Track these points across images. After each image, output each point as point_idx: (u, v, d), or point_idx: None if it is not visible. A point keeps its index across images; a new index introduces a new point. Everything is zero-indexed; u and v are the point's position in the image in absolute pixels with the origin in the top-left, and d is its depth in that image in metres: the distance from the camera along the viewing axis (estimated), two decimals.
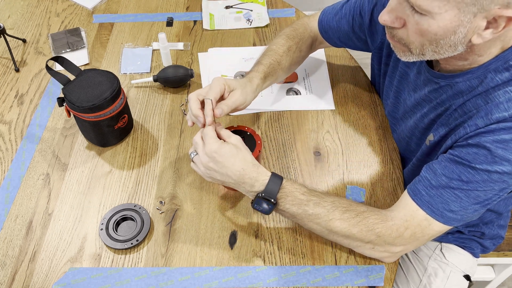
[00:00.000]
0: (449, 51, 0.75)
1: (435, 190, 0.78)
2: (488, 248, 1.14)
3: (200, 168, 0.85)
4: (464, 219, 0.79)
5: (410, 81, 0.95)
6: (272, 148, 1.06)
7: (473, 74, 0.79)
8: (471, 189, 0.76)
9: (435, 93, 0.87)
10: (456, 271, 1.11)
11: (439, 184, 0.78)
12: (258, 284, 0.85)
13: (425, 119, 0.91)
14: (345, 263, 0.88)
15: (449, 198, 0.77)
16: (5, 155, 1.05)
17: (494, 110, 0.74)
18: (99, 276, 0.86)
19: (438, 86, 0.86)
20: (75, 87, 0.98)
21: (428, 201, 0.79)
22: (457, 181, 0.76)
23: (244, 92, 0.94)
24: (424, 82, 0.89)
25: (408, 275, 1.13)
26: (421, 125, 0.92)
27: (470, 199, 0.76)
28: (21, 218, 0.94)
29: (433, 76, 0.86)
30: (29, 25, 1.37)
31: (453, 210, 0.78)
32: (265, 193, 0.82)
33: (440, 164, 0.79)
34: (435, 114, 0.88)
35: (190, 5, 1.43)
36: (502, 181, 0.74)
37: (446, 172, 0.78)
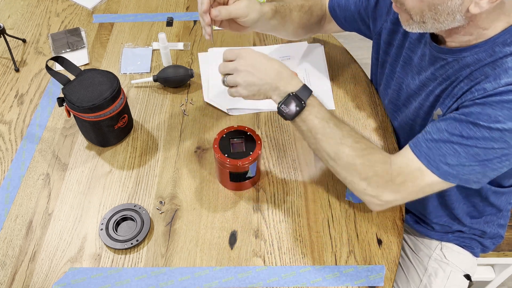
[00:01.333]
0: (448, 19, 0.76)
1: (435, 143, 0.79)
2: (488, 248, 1.14)
3: (237, 80, 0.87)
4: (460, 177, 0.79)
5: (414, 65, 0.95)
6: (272, 148, 1.06)
7: (481, 48, 0.79)
8: (470, 145, 0.76)
9: (441, 69, 0.87)
10: (457, 270, 1.11)
11: (440, 138, 0.79)
12: (258, 284, 0.85)
13: (430, 97, 0.90)
14: (345, 263, 0.88)
15: (448, 151, 0.78)
16: (5, 155, 1.05)
17: (503, 75, 0.75)
18: (99, 276, 0.86)
19: (445, 63, 0.86)
20: (75, 87, 0.98)
21: (426, 152, 0.80)
22: (458, 137, 0.77)
23: (249, 6, 0.94)
24: (429, 62, 0.90)
25: (408, 275, 1.13)
26: (427, 103, 0.91)
27: (468, 156, 0.77)
28: (21, 218, 0.94)
29: (440, 52, 0.86)
30: (29, 25, 1.37)
31: (449, 163, 0.78)
32: (299, 93, 0.85)
33: (445, 121, 0.80)
34: (440, 89, 0.87)
35: (190, 5, 1.43)
36: (503, 141, 0.74)
37: (448, 128, 0.78)
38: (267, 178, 1.00)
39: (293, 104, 0.84)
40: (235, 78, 0.87)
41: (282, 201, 0.97)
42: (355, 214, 0.94)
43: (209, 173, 1.01)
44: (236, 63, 0.87)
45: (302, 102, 0.84)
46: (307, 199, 0.97)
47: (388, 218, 0.94)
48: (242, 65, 0.87)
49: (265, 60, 0.88)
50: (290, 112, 0.85)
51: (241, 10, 0.93)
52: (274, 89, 0.86)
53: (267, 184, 0.99)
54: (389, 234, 0.92)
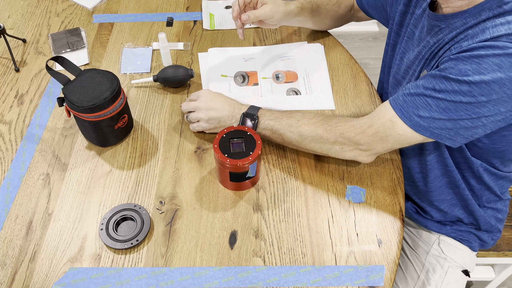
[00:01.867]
0: None
1: (411, 97, 0.85)
2: (486, 243, 1.14)
3: (199, 115, 1.02)
4: (431, 131, 0.84)
5: (415, 39, 0.99)
6: (272, 148, 1.06)
7: (469, 13, 0.84)
8: (441, 98, 0.81)
9: (434, 37, 0.91)
10: (455, 266, 1.11)
11: (415, 92, 0.84)
12: (258, 284, 0.85)
13: (422, 61, 0.94)
14: (345, 263, 0.88)
15: (421, 104, 0.83)
16: (5, 155, 1.05)
17: (480, 34, 0.80)
18: (99, 276, 0.86)
19: (438, 29, 0.90)
20: (75, 87, 0.98)
21: (401, 104, 0.86)
22: (430, 90, 0.82)
23: (274, 8, 1.09)
24: (427, 31, 0.94)
25: (406, 272, 1.13)
26: (418, 68, 0.96)
27: (439, 109, 0.82)
28: (21, 218, 0.94)
29: (435, 19, 0.91)
30: (29, 25, 1.37)
31: (421, 116, 0.83)
32: (249, 111, 1.00)
33: (423, 79, 0.85)
34: (429, 52, 0.92)
35: (190, 5, 1.43)
36: (471, 95, 0.78)
37: (424, 83, 0.84)
38: (267, 178, 1.00)
39: (248, 120, 0.99)
40: (197, 114, 1.02)
41: (282, 201, 0.97)
42: (355, 214, 0.95)
43: (209, 173, 1.01)
44: (197, 103, 1.02)
45: (253, 116, 0.99)
46: (307, 199, 0.97)
47: (388, 218, 0.94)
48: (202, 102, 1.02)
49: (221, 97, 1.03)
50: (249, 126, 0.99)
51: (266, 13, 1.09)
52: (231, 117, 1.01)
53: (267, 184, 0.99)
54: (389, 234, 0.92)
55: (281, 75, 1.22)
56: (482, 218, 1.08)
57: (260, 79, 1.21)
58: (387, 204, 0.96)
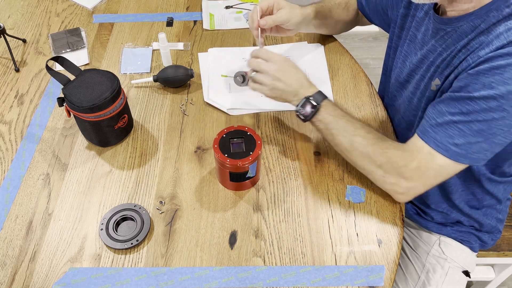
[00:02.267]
0: None
1: (440, 127, 0.82)
2: (486, 243, 1.14)
3: (265, 81, 0.97)
4: (470, 156, 0.81)
5: (417, 41, 0.98)
6: (272, 148, 1.06)
7: (476, 15, 0.82)
8: (472, 121, 0.78)
9: (440, 40, 0.89)
10: (455, 266, 1.11)
11: (443, 121, 0.81)
12: (258, 284, 0.85)
13: (431, 68, 0.92)
14: (345, 263, 0.88)
15: (453, 132, 0.80)
16: (5, 155, 1.05)
17: (495, 41, 0.77)
18: (99, 276, 0.86)
19: (444, 33, 0.88)
20: (75, 87, 0.98)
21: (433, 137, 0.82)
22: (458, 115, 0.79)
23: (291, 12, 1.09)
24: (431, 35, 0.92)
25: (407, 272, 1.13)
26: (427, 75, 0.93)
27: (473, 132, 0.78)
28: (21, 218, 0.94)
29: (440, 23, 0.89)
30: (29, 25, 1.37)
31: (457, 144, 0.80)
32: (314, 96, 0.95)
33: (444, 103, 0.82)
34: (440, 59, 0.89)
35: (190, 5, 1.43)
36: (501, 109, 0.75)
37: (448, 108, 0.81)
38: (267, 178, 1.00)
39: (308, 106, 0.95)
40: (263, 79, 0.97)
41: (282, 201, 0.97)
42: (355, 214, 0.95)
43: (209, 173, 1.01)
44: (268, 66, 0.97)
45: (316, 104, 0.94)
46: (307, 199, 0.97)
47: (388, 218, 0.94)
48: (273, 69, 0.97)
49: (293, 70, 0.98)
50: (305, 113, 0.95)
51: (284, 17, 1.08)
52: (294, 95, 0.97)
53: (267, 184, 0.99)
54: (389, 234, 0.92)
55: None
56: (482, 219, 1.08)
57: None
58: (387, 204, 0.96)
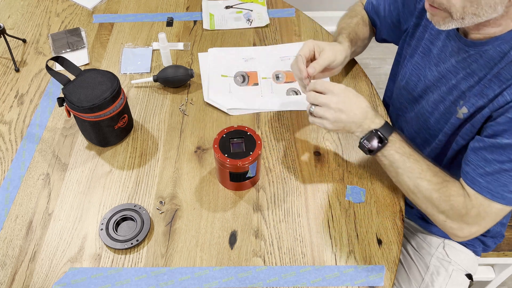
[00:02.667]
0: (488, 12, 0.75)
1: (491, 176, 0.81)
2: (489, 247, 1.14)
3: (326, 114, 0.90)
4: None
5: (432, 57, 0.95)
6: (272, 148, 1.06)
7: (503, 40, 0.79)
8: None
9: (463, 63, 0.86)
10: (459, 269, 1.11)
11: (493, 170, 0.80)
12: (258, 284, 0.85)
13: (454, 91, 0.90)
14: (345, 263, 0.88)
15: (506, 180, 0.79)
16: (5, 155, 1.05)
17: None
18: (99, 276, 0.86)
19: (466, 55, 0.85)
20: (75, 87, 0.98)
21: (486, 186, 0.81)
22: (509, 163, 0.78)
23: (333, 50, 1.02)
24: (450, 53, 0.89)
25: (410, 274, 1.13)
26: (449, 98, 0.91)
27: None
28: (21, 218, 0.94)
29: (464, 44, 0.86)
30: (29, 25, 1.37)
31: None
32: (381, 130, 0.89)
33: (488, 150, 0.81)
34: (466, 85, 0.87)
35: (190, 5, 1.43)
36: None
37: (495, 156, 0.80)
38: (267, 178, 1.00)
39: (375, 140, 0.89)
40: (324, 112, 0.90)
41: (282, 201, 0.97)
42: (355, 214, 0.95)
43: (209, 173, 1.01)
44: (328, 99, 0.90)
45: (384, 138, 0.89)
46: (307, 199, 0.97)
47: (388, 218, 0.94)
48: (333, 102, 0.90)
49: (355, 99, 0.91)
50: (372, 147, 0.90)
51: (329, 57, 1.01)
52: (358, 126, 0.91)
53: (267, 184, 0.99)
54: (389, 234, 0.92)
55: (281, 75, 1.22)
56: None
57: (260, 79, 1.21)
58: (387, 204, 0.96)
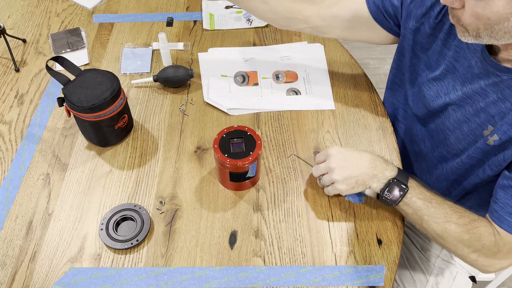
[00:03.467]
0: (505, 37, 0.73)
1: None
2: None
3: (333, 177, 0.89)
4: None
5: (457, 74, 0.91)
6: (272, 148, 1.06)
7: None
8: None
9: (494, 87, 0.83)
10: (463, 271, 1.11)
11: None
12: (258, 284, 0.85)
13: (481, 114, 0.86)
14: (345, 263, 0.88)
15: None
16: (5, 155, 1.05)
17: None
18: (99, 276, 0.86)
19: (499, 80, 0.82)
20: (75, 87, 0.98)
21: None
22: None
23: None
24: (478, 75, 0.86)
25: (415, 275, 1.13)
26: (476, 120, 0.88)
27: None
28: (21, 218, 0.94)
29: (496, 68, 0.82)
30: (29, 25, 1.37)
31: None
32: (399, 177, 0.86)
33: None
34: (496, 110, 0.84)
35: (190, 5, 1.43)
36: None
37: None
38: (267, 178, 1.00)
39: (396, 189, 0.87)
40: (330, 176, 0.90)
41: (282, 201, 0.97)
42: (355, 214, 0.94)
43: (209, 173, 1.01)
44: (328, 163, 0.90)
45: (404, 186, 0.86)
46: (307, 199, 0.97)
47: (388, 218, 0.94)
48: (334, 162, 0.89)
49: (355, 153, 0.91)
50: (394, 198, 0.87)
51: None
52: (372, 177, 0.88)
53: (267, 184, 0.99)
54: (389, 234, 0.92)
55: (281, 75, 1.22)
56: None
57: (260, 79, 1.21)
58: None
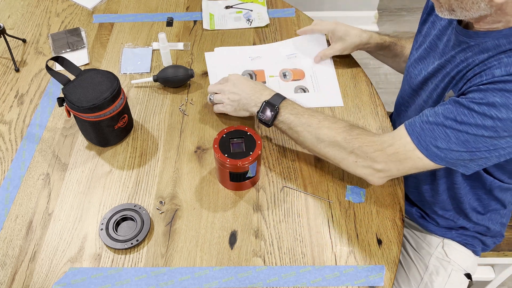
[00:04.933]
0: (474, 8, 0.77)
1: (429, 125, 0.81)
2: (488, 246, 1.14)
3: (222, 98, 1.04)
4: (447, 160, 0.82)
5: (438, 51, 0.96)
6: (272, 148, 1.06)
7: (504, 34, 0.80)
8: (462, 131, 0.78)
9: (461, 52, 0.88)
10: (458, 269, 1.11)
11: (434, 121, 0.81)
12: (258, 284, 0.85)
13: (446, 78, 0.91)
14: (345, 263, 0.88)
15: (439, 135, 0.80)
16: (5, 155, 1.05)
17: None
18: (99, 276, 0.86)
19: (466, 46, 0.87)
20: (75, 87, 0.98)
21: (418, 132, 0.82)
22: (451, 121, 0.79)
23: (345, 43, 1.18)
24: (453, 46, 0.91)
25: (409, 273, 1.13)
26: (441, 85, 0.92)
27: (458, 141, 0.79)
28: (21, 218, 0.94)
29: (464, 35, 0.87)
30: (29, 25, 1.37)
31: (439, 146, 0.81)
32: (272, 100, 0.97)
33: (443, 106, 0.82)
34: (456, 71, 0.88)
35: (190, 5, 1.43)
36: (493, 130, 0.75)
37: (445, 111, 0.80)
38: (267, 178, 1.00)
39: (268, 110, 0.97)
40: (220, 96, 1.05)
41: (282, 201, 0.97)
42: (355, 214, 0.95)
43: (209, 173, 1.01)
44: (223, 85, 1.05)
45: (275, 107, 0.96)
46: (307, 199, 0.97)
47: (388, 218, 0.94)
48: (227, 85, 1.04)
49: (246, 81, 1.03)
50: (266, 118, 0.97)
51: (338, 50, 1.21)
52: (251, 101, 1.00)
53: (267, 184, 0.99)
54: (389, 234, 0.92)
55: (288, 73, 1.22)
56: (488, 225, 1.08)
57: (268, 77, 1.21)
58: (387, 204, 0.96)
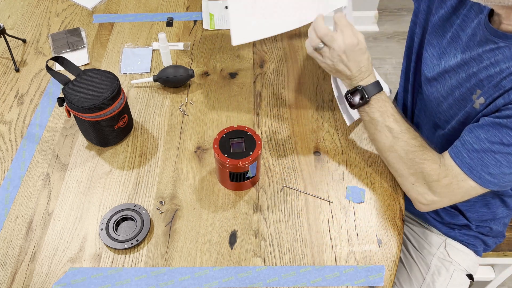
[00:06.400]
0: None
1: (477, 154, 0.81)
2: (489, 247, 1.14)
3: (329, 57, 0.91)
4: (501, 184, 0.81)
5: (460, 43, 0.93)
6: (272, 148, 1.06)
7: None
8: (510, 153, 0.77)
9: (490, 53, 0.84)
10: (459, 269, 1.11)
11: (481, 148, 0.80)
12: (258, 284, 0.85)
13: (472, 79, 0.88)
14: (345, 263, 0.88)
15: (489, 161, 0.79)
16: (5, 155, 1.05)
17: None
18: (99, 276, 0.86)
19: (495, 47, 0.83)
20: (75, 87, 0.98)
21: (468, 162, 0.82)
22: (498, 145, 0.78)
23: None
24: (479, 43, 0.87)
25: (411, 274, 1.13)
26: (466, 85, 0.89)
27: (509, 164, 0.78)
28: (21, 218, 0.94)
29: (494, 35, 0.83)
30: (29, 25, 1.37)
31: (491, 173, 0.80)
32: (366, 88, 0.91)
33: (483, 129, 0.80)
34: (486, 74, 0.85)
35: (190, 5, 1.43)
36: None
37: (488, 136, 0.79)
38: (267, 178, 1.00)
39: (357, 96, 0.92)
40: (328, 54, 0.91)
41: (282, 201, 0.97)
42: (355, 214, 0.95)
43: (209, 173, 1.01)
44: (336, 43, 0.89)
45: (366, 97, 0.91)
46: (307, 199, 0.97)
47: (388, 218, 0.94)
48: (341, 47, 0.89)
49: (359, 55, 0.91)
50: (353, 102, 0.93)
51: None
52: (350, 78, 0.93)
53: (267, 184, 0.99)
54: (389, 234, 0.92)
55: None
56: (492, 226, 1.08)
57: None
58: (387, 204, 0.96)
